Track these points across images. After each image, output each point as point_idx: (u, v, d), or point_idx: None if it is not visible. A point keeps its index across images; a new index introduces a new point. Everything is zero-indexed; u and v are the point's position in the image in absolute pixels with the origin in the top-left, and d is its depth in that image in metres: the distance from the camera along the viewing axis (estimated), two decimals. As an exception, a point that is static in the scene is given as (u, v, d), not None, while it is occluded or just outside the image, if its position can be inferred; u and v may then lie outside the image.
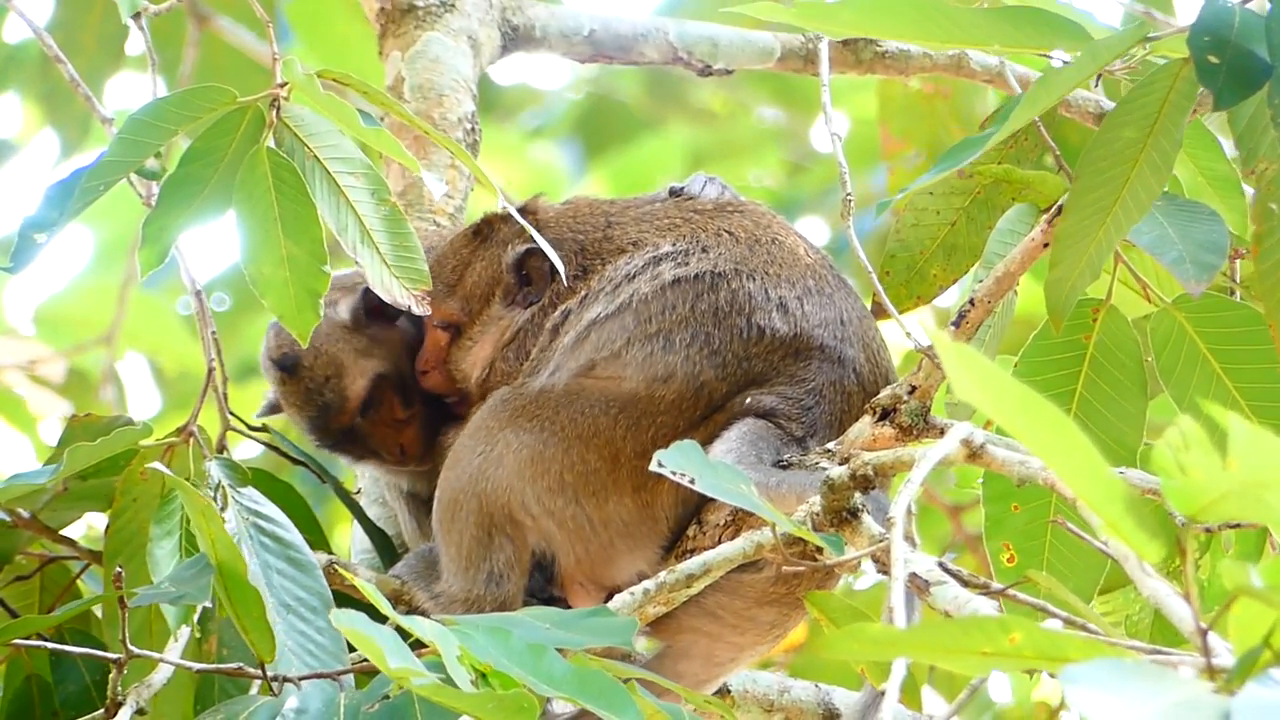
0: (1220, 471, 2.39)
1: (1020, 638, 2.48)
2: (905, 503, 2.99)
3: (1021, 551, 3.73)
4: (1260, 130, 3.45)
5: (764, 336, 3.87)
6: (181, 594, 3.25)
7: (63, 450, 3.67)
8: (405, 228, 3.48)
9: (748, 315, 3.88)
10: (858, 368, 3.89)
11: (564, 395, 3.89)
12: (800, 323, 3.89)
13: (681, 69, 4.85)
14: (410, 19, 4.62)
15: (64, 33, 6.01)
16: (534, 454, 3.87)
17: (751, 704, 4.27)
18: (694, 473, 3.23)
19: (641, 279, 3.96)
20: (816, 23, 3.57)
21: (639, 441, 3.84)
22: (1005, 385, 2.42)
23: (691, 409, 3.85)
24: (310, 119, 3.47)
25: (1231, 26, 3.35)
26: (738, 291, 3.90)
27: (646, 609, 3.45)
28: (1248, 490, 2.39)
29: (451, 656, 2.89)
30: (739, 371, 3.86)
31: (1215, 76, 3.32)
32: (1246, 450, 2.35)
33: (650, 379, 3.85)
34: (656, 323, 3.90)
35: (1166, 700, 2.25)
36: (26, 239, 3.40)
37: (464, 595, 3.89)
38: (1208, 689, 2.32)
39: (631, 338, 3.90)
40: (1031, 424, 2.45)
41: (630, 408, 3.85)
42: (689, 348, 3.86)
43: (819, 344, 3.88)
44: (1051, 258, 3.51)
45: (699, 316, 3.88)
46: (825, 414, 3.85)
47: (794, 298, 3.91)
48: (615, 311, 3.94)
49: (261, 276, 3.44)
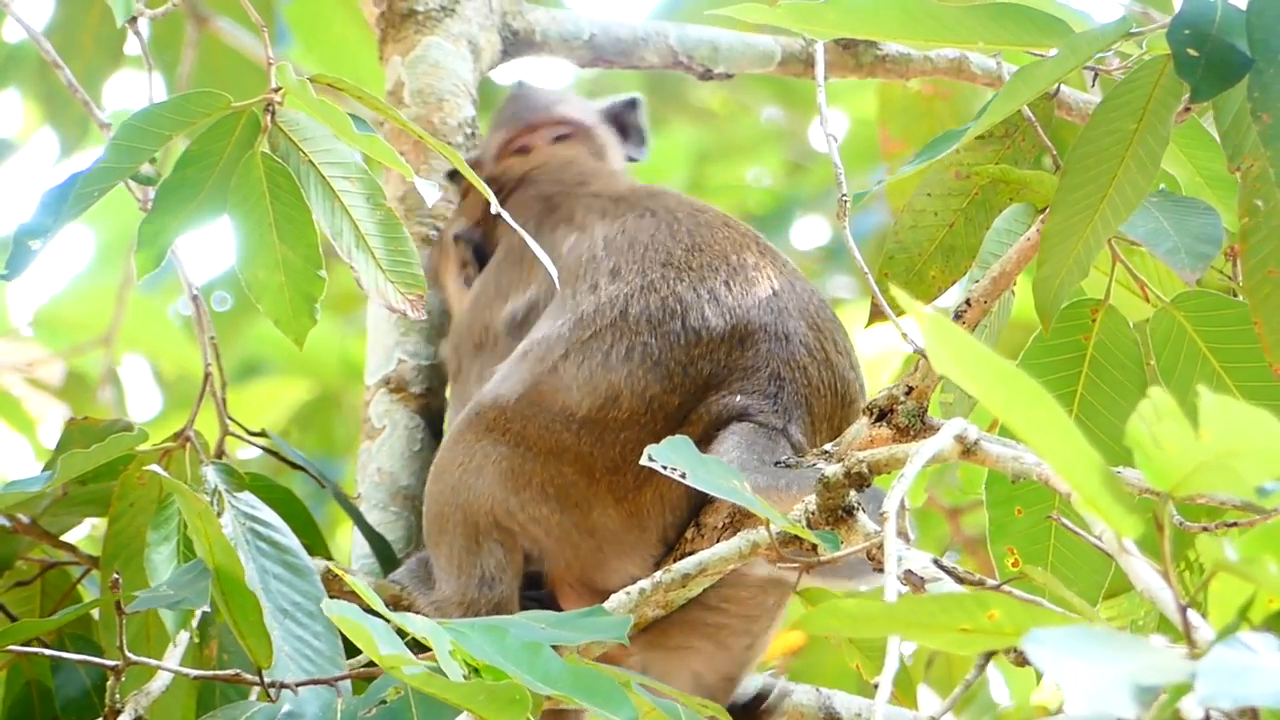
0: (1193, 442, 2.38)
1: (999, 613, 2.48)
2: (897, 499, 2.98)
3: (1025, 555, 3.72)
4: (1245, 127, 3.45)
5: (701, 338, 3.84)
6: (179, 599, 3.25)
7: (58, 455, 3.67)
8: (400, 232, 3.47)
9: (681, 319, 3.85)
10: (804, 339, 3.87)
11: (528, 407, 3.86)
12: (733, 310, 3.86)
13: (682, 73, 4.84)
14: (410, 24, 4.62)
15: (63, 33, 5.99)
16: (512, 466, 3.86)
17: (752, 706, 4.27)
18: (685, 467, 3.22)
19: (582, 283, 3.94)
20: (802, 23, 3.56)
21: (608, 456, 3.82)
22: (982, 357, 2.42)
23: (651, 421, 3.81)
24: (305, 123, 3.47)
25: (1212, 20, 3.35)
26: (667, 297, 3.87)
27: (644, 610, 3.45)
28: (1220, 460, 2.39)
29: (444, 650, 2.89)
30: (686, 379, 3.82)
31: (1194, 69, 3.32)
32: (1218, 419, 2.35)
33: (594, 402, 3.83)
34: (590, 330, 3.88)
35: (1134, 664, 2.25)
36: (21, 245, 3.40)
37: (459, 599, 3.88)
38: (1178, 654, 2.33)
39: (569, 349, 3.87)
40: (1010, 397, 2.45)
41: (590, 425, 3.82)
42: (628, 362, 3.84)
43: (759, 325, 3.85)
44: (1039, 256, 3.51)
45: (632, 325, 3.86)
46: (791, 395, 3.82)
47: (721, 283, 3.88)
48: (552, 318, 3.93)
49: (257, 281, 3.44)
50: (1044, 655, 2.23)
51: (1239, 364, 3.69)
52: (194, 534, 3.26)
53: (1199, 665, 2.24)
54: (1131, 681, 2.21)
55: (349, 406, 7.02)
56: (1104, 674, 2.22)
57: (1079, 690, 2.19)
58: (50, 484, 3.64)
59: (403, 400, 4.37)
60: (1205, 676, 2.22)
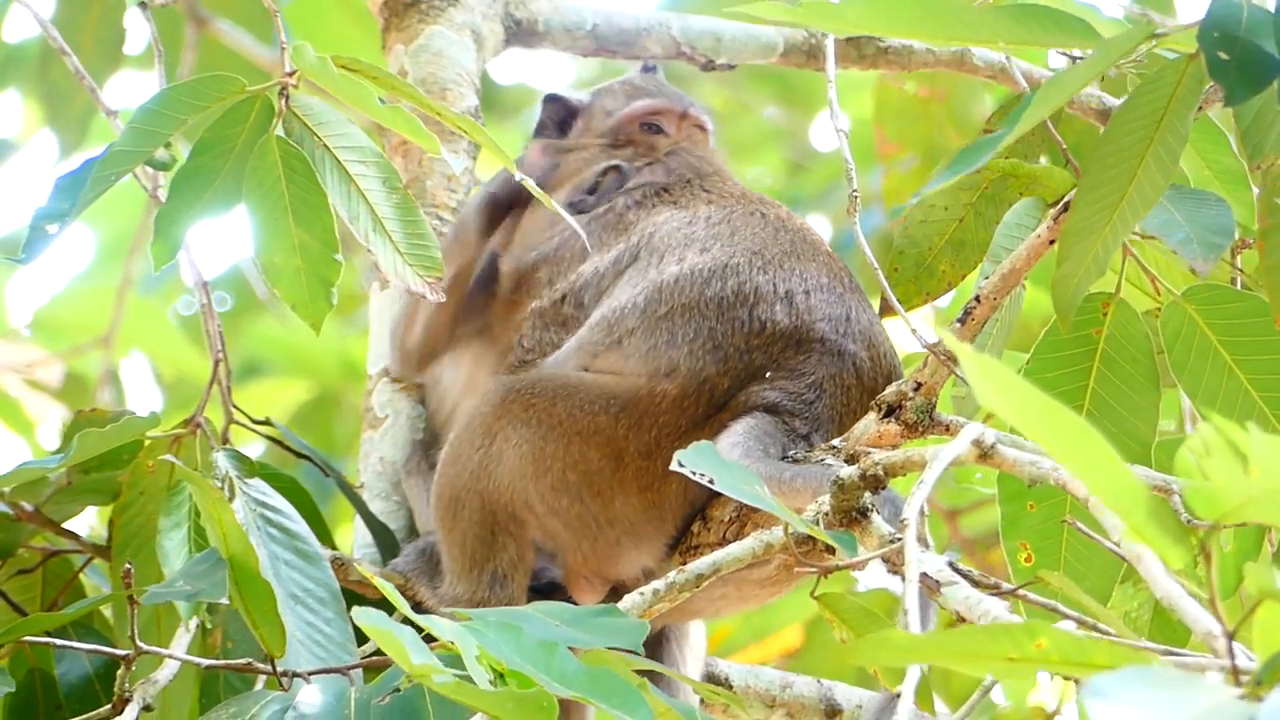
0: (1242, 478, 2.41)
1: (1046, 643, 2.48)
2: (919, 504, 2.99)
3: (1038, 550, 3.72)
4: (1266, 126, 3.46)
5: (764, 329, 3.85)
6: (196, 591, 3.24)
7: (70, 440, 3.66)
8: (417, 215, 3.46)
9: (750, 308, 3.86)
10: (858, 363, 3.87)
11: (561, 388, 3.84)
12: (803, 315, 3.87)
13: (683, 65, 4.84)
14: (413, 13, 4.62)
15: (62, 33, 5.97)
16: (535, 450, 3.83)
17: (754, 699, 4.27)
18: (712, 473, 3.22)
19: (670, 259, 3.94)
20: (821, 21, 3.56)
21: (642, 441, 3.81)
22: (1026, 393, 2.42)
23: (694, 406, 3.81)
24: (319, 108, 3.47)
25: (1240, 22, 3.34)
26: (744, 284, 3.88)
27: (656, 608, 3.44)
28: (1268, 496, 2.41)
29: (471, 656, 2.88)
30: (740, 365, 3.83)
31: (1226, 72, 3.32)
32: (1267, 457, 2.38)
33: (653, 373, 3.83)
34: (665, 308, 3.88)
35: (1192, 709, 2.24)
36: (38, 230, 3.39)
37: (468, 597, 3.86)
38: (1233, 695, 2.31)
39: (637, 325, 3.88)
40: (1054, 432, 2.46)
41: (631, 406, 3.82)
42: (692, 342, 3.83)
43: (819, 336, 3.86)
44: (1059, 255, 3.51)
45: (703, 308, 3.86)
46: (827, 409, 3.83)
47: (802, 291, 3.89)
48: (631, 285, 3.93)
49: (273, 265, 3.43)
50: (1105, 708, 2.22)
51: (1250, 356, 3.69)
52: (207, 521, 3.25)
53: (1259, 709, 2.24)
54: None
55: (349, 406, 7.01)
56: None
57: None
58: (64, 463, 3.64)
59: (405, 389, 4.37)
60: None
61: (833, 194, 7.07)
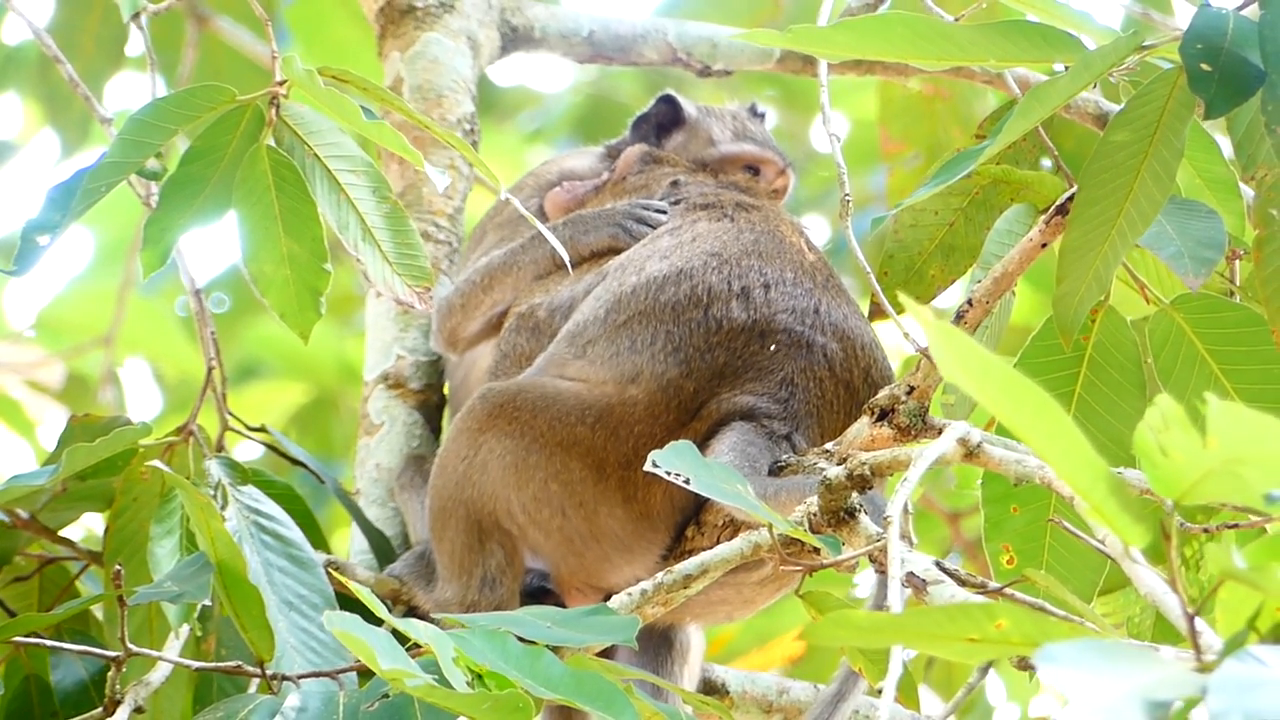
0: (1200, 450, 2.39)
1: (1007, 624, 2.48)
2: (902, 502, 2.99)
3: (1021, 553, 3.72)
4: (1259, 137, 3.45)
5: (721, 327, 3.84)
6: (181, 592, 3.26)
7: (62, 450, 3.67)
8: (407, 225, 3.48)
9: (705, 308, 3.86)
10: (829, 354, 3.87)
11: (541, 399, 3.85)
12: (761, 309, 3.86)
13: (680, 70, 4.85)
14: (410, 19, 4.63)
15: (63, 34, 6.00)
16: (517, 460, 3.84)
17: (750, 705, 4.28)
18: (689, 473, 3.22)
19: (630, 271, 3.96)
20: (811, 46, 3.56)
21: (621, 451, 3.82)
22: (990, 366, 2.43)
23: (665, 412, 3.81)
24: (310, 117, 3.48)
25: (1224, 33, 3.33)
26: (697, 285, 3.88)
27: (646, 609, 3.45)
28: (1228, 468, 2.40)
29: (447, 658, 2.89)
30: (703, 365, 3.83)
31: (1208, 85, 3.31)
32: (1225, 427, 2.36)
33: (619, 379, 3.83)
34: (624, 317, 3.89)
35: (1144, 678, 2.25)
36: (29, 241, 3.40)
37: (459, 600, 3.88)
38: (1187, 667, 2.33)
39: (599, 335, 3.88)
40: (1016, 405, 2.46)
41: (606, 416, 3.82)
42: (652, 346, 3.83)
43: (781, 328, 3.85)
44: (1058, 272, 3.50)
45: (659, 313, 3.86)
46: (803, 405, 3.83)
47: (760, 285, 3.89)
48: (595, 299, 3.95)
49: (262, 275, 3.44)
50: (1056, 672, 2.24)
51: (1237, 366, 3.69)
52: (196, 528, 3.26)
53: (1210, 680, 2.24)
54: (1143, 697, 2.21)
55: (346, 409, 7.01)
56: (1116, 690, 2.22)
57: (1091, 706, 2.19)
58: (54, 478, 3.65)
59: (401, 396, 4.38)
60: (1216, 691, 2.22)
61: (832, 195, 7.06)
